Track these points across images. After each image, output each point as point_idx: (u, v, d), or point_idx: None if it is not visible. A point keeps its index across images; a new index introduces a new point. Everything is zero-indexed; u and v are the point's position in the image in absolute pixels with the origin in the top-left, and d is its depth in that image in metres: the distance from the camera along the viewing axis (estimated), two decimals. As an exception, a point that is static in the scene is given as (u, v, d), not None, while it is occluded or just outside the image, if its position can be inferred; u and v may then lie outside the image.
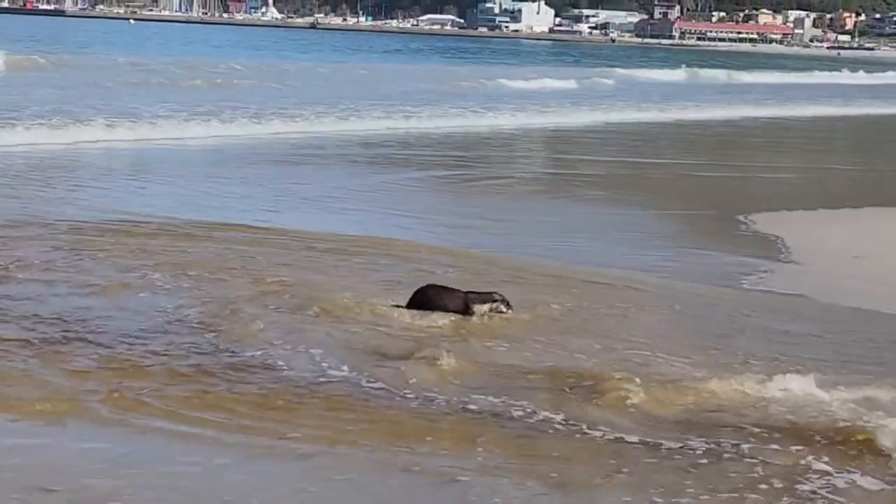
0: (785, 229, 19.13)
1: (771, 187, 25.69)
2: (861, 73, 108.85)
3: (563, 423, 9.09)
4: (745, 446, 8.70)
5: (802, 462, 8.45)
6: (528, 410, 9.32)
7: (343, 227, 18.02)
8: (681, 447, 8.64)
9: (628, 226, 19.79)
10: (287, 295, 12.82)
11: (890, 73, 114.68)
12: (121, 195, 20.68)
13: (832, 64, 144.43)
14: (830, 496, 7.93)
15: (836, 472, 8.28)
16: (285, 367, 10.23)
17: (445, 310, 12.18)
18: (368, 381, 9.89)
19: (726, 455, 8.52)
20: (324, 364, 10.36)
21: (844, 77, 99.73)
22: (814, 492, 7.99)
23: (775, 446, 8.70)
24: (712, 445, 8.69)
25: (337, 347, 10.89)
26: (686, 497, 7.77)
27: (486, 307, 12.15)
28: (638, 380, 9.96)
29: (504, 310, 12.09)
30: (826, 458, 8.49)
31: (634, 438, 8.79)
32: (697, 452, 8.57)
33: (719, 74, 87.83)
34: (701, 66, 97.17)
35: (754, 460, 8.43)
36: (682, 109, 50.36)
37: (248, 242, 15.87)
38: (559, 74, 68.66)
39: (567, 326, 12.05)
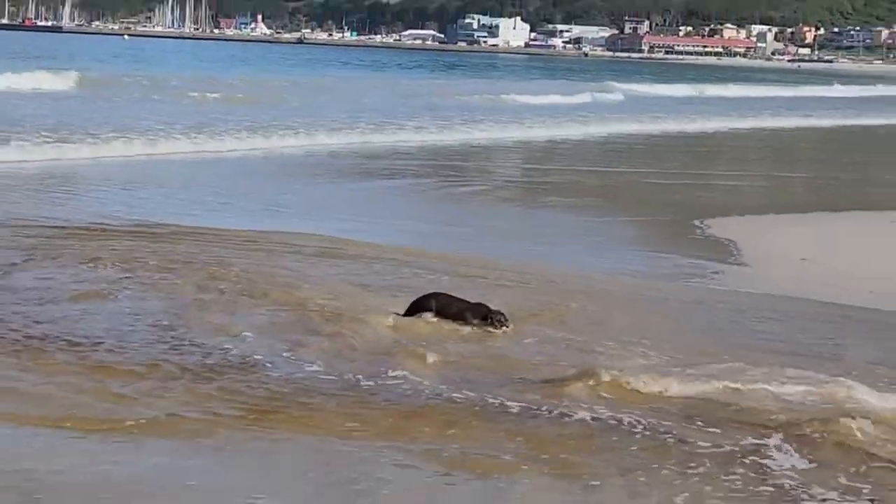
0: (737, 233, 19.31)
1: (727, 195, 25.82)
2: (837, 86, 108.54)
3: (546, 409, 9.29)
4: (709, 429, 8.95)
5: (758, 446, 8.62)
6: (501, 401, 9.44)
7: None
8: (643, 429, 8.86)
9: (595, 231, 20.00)
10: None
11: (876, 87, 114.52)
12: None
13: (797, 76, 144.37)
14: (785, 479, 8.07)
15: (795, 457, 8.46)
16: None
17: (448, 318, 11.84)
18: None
19: (690, 438, 8.73)
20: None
21: (821, 91, 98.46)
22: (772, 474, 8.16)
23: (731, 431, 8.91)
24: (679, 430, 8.87)
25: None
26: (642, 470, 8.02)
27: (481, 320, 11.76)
28: (612, 371, 10.06)
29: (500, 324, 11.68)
30: (786, 444, 8.65)
31: (602, 417, 9.01)
32: (667, 438, 8.72)
33: (723, 90, 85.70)
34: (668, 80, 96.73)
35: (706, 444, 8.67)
36: (675, 122, 50.21)
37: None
38: (563, 90, 68.52)
39: (542, 322, 12.15)
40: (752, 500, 7.68)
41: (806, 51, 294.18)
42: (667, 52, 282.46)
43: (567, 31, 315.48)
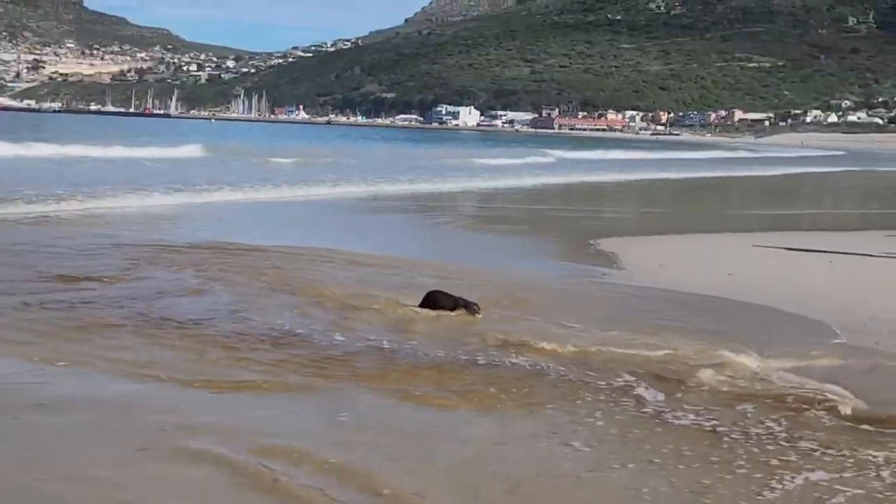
0: (618, 248, 19.30)
1: (611, 223, 25.83)
2: (716, 152, 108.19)
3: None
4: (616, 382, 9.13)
5: (631, 385, 8.78)
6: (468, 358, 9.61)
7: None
8: (568, 377, 8.96)
9: (523, 247, 19.96)
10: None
11: (711, 152, 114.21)
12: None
13: (655, 144, 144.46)
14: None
15: (658, 393, 8.59)
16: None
17: (444, 308, 11.80)
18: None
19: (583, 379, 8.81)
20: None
21: (672, 154, 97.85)
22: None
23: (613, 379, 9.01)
24: (606, 381, 8.99)
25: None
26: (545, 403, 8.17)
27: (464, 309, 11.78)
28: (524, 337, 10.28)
29: (475, 312, 11.69)
30: (654, 388, 8.75)
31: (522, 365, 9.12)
32: (599, 384, 8.83)
33: (611, 154, 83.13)
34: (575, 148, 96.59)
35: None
36: (581, 174, 50.21)
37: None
38: (512, 155, 68.34)
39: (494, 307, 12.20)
40: (637, 418, 7.75)
41: (662, 127, 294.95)
42: (570, 129, 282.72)
43: (504, 115, 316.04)
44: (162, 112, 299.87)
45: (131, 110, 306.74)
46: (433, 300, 12.04)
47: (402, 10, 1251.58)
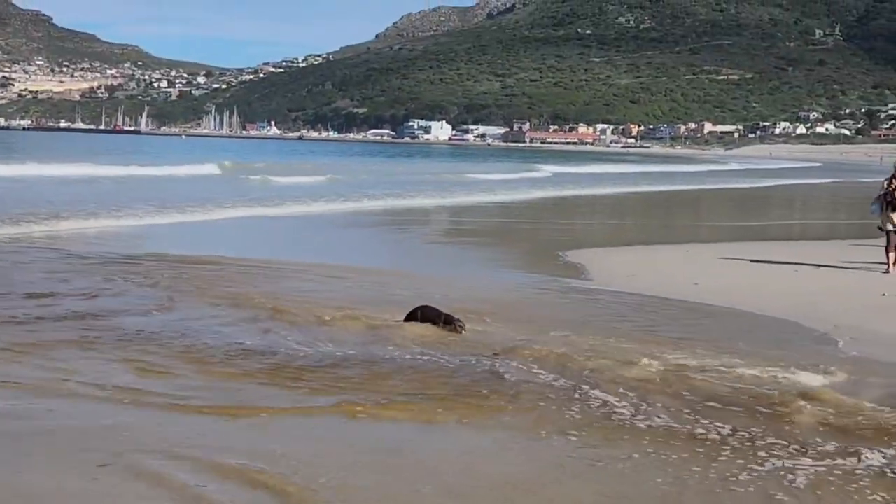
0: (585, 259, 19.48)
1: (580, 235, 25.99)
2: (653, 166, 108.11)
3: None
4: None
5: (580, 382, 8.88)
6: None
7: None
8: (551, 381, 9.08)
9: (494, 258, 19.95)
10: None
11: (679, 165, 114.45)
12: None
13: (627, 157, 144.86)
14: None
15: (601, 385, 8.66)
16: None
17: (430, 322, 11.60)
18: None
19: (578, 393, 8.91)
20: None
21: (642, 168, 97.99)
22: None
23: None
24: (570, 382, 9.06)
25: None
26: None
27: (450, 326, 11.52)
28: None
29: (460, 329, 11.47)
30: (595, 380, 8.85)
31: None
32: (556, 385, 8.93)
33: (590, 168, 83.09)
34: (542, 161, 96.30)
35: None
36: (578, 188, 50.21)
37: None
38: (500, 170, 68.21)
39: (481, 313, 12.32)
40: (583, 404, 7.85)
41: (632, 140, 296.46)
42: (542, 143, 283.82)
43: (476, 129, 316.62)
44: (132, 129, 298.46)
45: (101, 127, 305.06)
46: (419, 314, 11.84)
47: (372, 25, 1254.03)
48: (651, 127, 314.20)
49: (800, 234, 30.40)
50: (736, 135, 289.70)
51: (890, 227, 18.29)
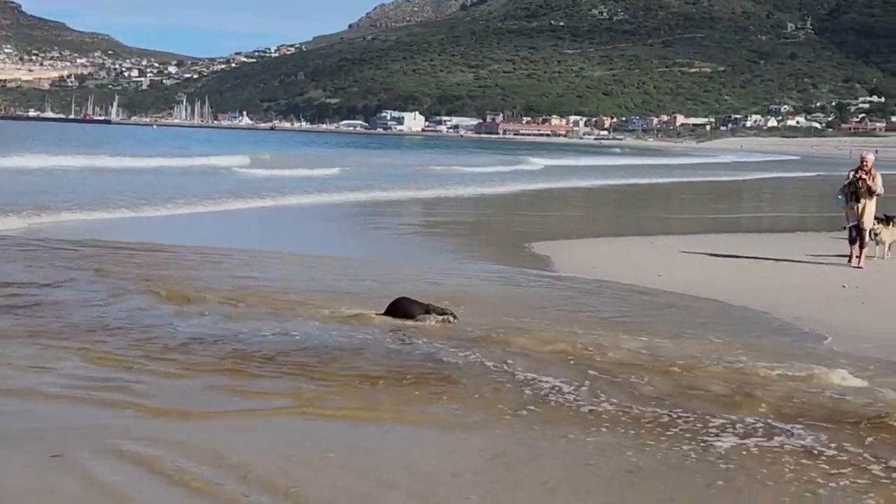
0: (551, 251, 19.59)
1: (546, 227, 26.01)
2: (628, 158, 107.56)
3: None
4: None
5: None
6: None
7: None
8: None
9: (462, 250, 20.07)
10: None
11: (654, 158, 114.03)
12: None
13: (600, 149, 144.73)
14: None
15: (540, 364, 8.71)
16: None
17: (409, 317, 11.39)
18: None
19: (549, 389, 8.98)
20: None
21: (613, 161, 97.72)
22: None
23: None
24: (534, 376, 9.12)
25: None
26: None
27: (440, 317, 11.40)
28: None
29: (451, 320, 11.43)
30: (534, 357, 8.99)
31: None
32: (516, 376, 9.02)
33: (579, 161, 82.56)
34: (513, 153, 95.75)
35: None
36: (573, 180, 50.09)
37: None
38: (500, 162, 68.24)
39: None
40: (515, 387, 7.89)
41: (605, 132, 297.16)
42: (515, 135, 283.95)
43: (449, 120, 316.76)
44: (103, 118, 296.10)
45: (71, 116, 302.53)
46: (398, 307, 11.63)
47: (345, 15, 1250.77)
48: (624, 119, 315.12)
49: (777, 226, 30.58)
50: (708, 127, 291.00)
51: (854, 219, 18.34)
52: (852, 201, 18.45)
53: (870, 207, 18.43)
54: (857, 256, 18.26)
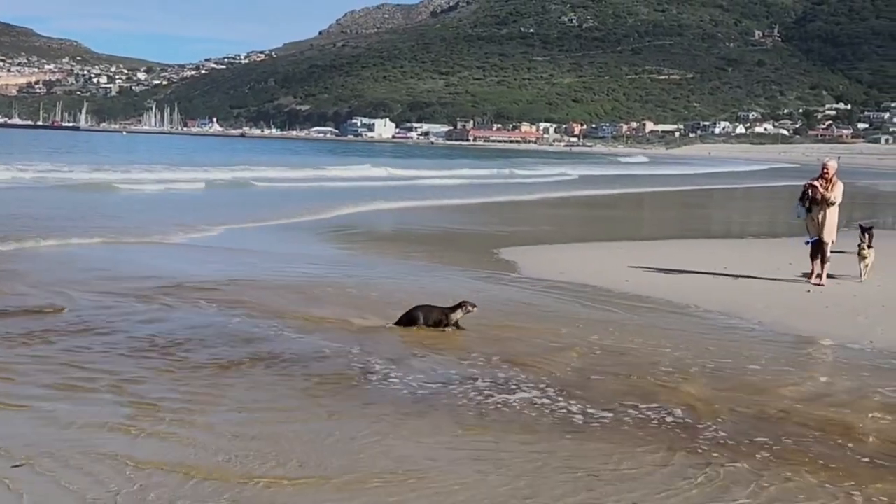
0: (517, 257, 19.56)
1: (514, 234, 25.92)
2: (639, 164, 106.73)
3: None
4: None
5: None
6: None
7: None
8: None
9: (436, 257, 19.83)
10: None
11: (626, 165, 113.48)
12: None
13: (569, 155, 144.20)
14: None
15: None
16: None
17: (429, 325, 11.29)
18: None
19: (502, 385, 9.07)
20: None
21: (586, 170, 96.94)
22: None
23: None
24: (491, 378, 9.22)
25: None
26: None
27: (461, 312, 11.38)
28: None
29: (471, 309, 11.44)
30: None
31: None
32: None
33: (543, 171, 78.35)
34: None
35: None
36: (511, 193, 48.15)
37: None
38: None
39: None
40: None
41: (575, 139, 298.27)
42: (485, 141, 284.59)
43: (419, 127, 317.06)
44: (71, 125, 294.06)
45: (39, 123, 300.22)
46: (415, 316, 11.41)
47: (316, 22, 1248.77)
48: (593, 126, 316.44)
49: (747, 232, 30.72)
50: (677, 134, 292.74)
51: (815, 233, 16.91)
52: (812, 212, 16.90)
53: (830, 218, 16.85)
54: (817, 274, 16.74)
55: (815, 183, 16.87)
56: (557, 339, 11.05)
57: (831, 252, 16.89)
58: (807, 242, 17.09)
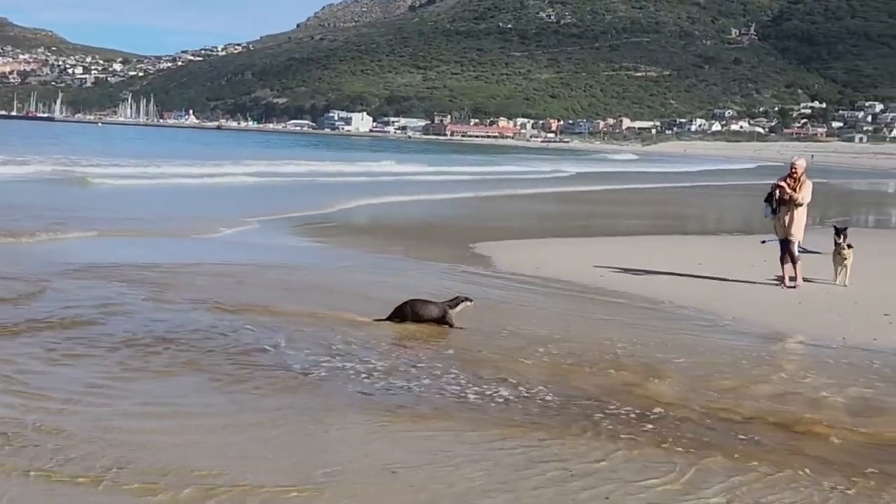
0: (493, 251, 19.55)
1: (491, 229, 25.93)
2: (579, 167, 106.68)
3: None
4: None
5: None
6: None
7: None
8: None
9: (414, 251, 19.76)
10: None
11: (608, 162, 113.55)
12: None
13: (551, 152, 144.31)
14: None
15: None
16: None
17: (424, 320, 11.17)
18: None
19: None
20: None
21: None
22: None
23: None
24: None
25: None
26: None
27: (459, 307, 11.33)
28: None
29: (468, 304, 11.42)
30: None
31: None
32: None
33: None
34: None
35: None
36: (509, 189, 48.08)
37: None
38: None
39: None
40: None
41: (552, 135, 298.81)
42: (462, 136, 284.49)
43: (397, 121, 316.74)
44: (46, 115, 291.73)
45: (13, 113, 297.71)
46: (407, 310, 11.25)
47: (294, 15, 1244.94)
48: (570, 122, 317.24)
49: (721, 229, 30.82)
50: (653, 131, 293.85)
51: (781, 234, 16.38)
52: (780, 213, 16.29)
53: (798, 219, 16.22)
54: (790, 277, 16.11)
55: (782, 183, 16.23)
56: (527, 336, 11.01)
57: (800, 252, 16.34)
58: (763, 241, 16.84)
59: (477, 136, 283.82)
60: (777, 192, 16.20)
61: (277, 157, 65.64)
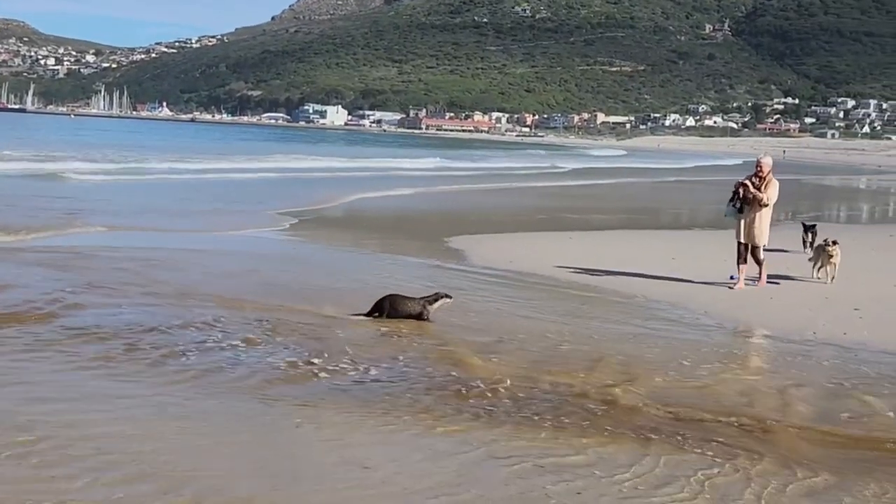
0: (465, 245, 19.58)
1: (468, 223, 25.96)
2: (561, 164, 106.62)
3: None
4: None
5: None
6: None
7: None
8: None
9: (390, 247, 19.83)
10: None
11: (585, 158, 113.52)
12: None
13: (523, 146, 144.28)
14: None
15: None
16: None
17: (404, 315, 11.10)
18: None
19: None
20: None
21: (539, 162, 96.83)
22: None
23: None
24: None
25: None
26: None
27: (438, 303, 11.24)
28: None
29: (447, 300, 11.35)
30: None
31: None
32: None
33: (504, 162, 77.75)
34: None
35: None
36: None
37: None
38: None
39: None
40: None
41: (527, 129, 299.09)
42: (437, 130, 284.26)
43: (372, 115, 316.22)
44: (18, 107, 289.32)
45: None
46: (386, 306, 11.17)
47: (268, 7, 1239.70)
48: (545, 116, 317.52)
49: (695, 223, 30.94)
50: (628, 126, 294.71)
51: (742, 235, 15.68)
52: (744, 213, 15.61)
53: (761, 221, 15.56)
54: (754, 278, 15.64)
55: (747, 182, 15.58)
56: (497, 331, 10.99)
57: (765, 251, 15.94)
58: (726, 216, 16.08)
59: (452, 130, 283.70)
60: (741, 190, 15.55)
61: (280, 153, 65.01)
